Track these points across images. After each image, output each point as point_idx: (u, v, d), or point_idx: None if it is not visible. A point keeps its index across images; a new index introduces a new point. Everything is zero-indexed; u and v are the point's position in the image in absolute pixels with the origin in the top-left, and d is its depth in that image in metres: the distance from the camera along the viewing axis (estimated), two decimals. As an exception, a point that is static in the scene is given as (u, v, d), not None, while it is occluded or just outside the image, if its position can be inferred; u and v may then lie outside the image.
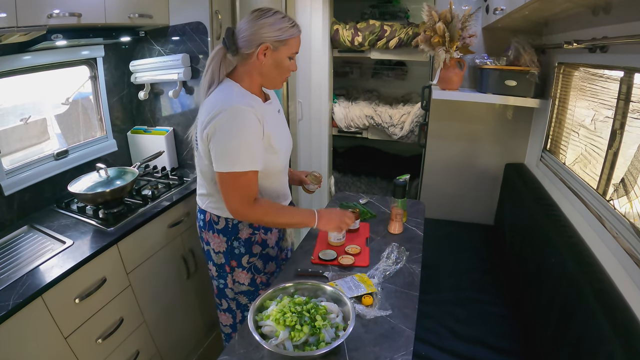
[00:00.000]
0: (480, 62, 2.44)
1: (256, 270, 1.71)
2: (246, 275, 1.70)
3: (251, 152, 1.43)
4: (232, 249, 1.66)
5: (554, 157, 2.17)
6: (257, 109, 1.43)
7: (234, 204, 1.47)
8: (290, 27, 1.43)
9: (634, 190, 1.37)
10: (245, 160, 1.42)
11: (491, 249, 2.51)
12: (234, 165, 1.41)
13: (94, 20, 1.84)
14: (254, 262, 1.69)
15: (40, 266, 1.54)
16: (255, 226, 1.64)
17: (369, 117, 3.59)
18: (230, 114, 1.39)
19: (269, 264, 1.74)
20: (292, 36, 1.44)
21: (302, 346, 1.13)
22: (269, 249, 1.71)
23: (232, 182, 1.44)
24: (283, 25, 1.42)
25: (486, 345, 1.74)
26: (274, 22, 1.41)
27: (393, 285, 1.50)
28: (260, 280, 1.73)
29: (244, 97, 1.46)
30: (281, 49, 1.45)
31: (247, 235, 1.64)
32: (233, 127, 1.39)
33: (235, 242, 1.65)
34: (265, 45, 1.42)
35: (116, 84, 2.45)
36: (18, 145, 2.02)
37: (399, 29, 3.14)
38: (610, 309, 1.23)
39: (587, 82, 1.88)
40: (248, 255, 1.67)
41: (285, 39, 1.43)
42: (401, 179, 1.88)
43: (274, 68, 1.48)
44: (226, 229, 1.64)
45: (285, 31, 1.42)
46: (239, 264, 1.68)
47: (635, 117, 1.44)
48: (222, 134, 1.40)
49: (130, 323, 1.89)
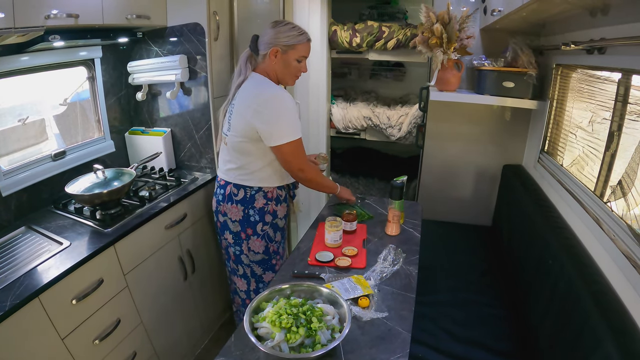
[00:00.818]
0: (478, 63, 2.44)
1: (269, 239, 1.97)
2: (260, 242, 1.96)
3: (297, 124, 1.80)
4: (247, 217, 1.92)
5: (552, 159, 2.17)
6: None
7: (300, 165, 1.84)
8: (297, 35, 1.79)
9: (631, 192, 1.37)
10: (298, 130, 1.79)
11: (489, 251, 2.51)
12: (295, 134, 1.78)
13: (92, 21, 1.84)
14: (267, 230, 1.96)
15: (38, 267, 1.54)
16: (268, 197, 1.93)
17: (367, 118, 3.58)
18: (274, 97, 1.75)
19: (277, 234, 2.01)
20: (299, 42, 1.80)
21: (298, 348, 1.13)
22: (278, 219, 1.99)
23: (296, 149, 1.80)
24: (291, 33, 1.78)
25: (483, 347, 1.74)
26: (285, 30, 1.78)
27: (390, 287, 1.50)
28: (273, 249, 2.01)
29: (278, 86, 1.85)
30: (289, 52, 1.80)
31: (261, 205, 1.92)
32: (283, 107, 1.76)
33: (251, 210, 1.91)
34: (276, 49, 1.79)
35: (114, 84, 2.44)
36: (16, 146, 2.02)
37: (397, 30, 3.14)
38: (607, 310, 1.23)
39: (585, 84, 1.88)
40: (262, 223, 1.93)
41: (293, 44, 1.79)
42: (398, 180, 1.88)
43: (283, 67, 1.84)
44: (244, 199, 1.91)
45: (293, 38, 1.78)
46: (254, 231, 1.94)
47: (633, 118, 1.44)
48: (271, 114, 1.74)
49: (128, 324, 1.88)
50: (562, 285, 1.50)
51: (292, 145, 1.78)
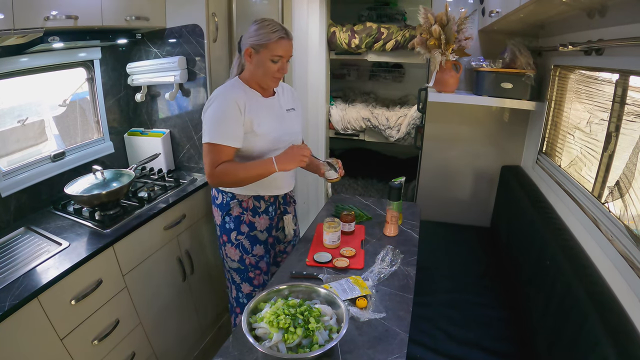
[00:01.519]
0: (476, 64, 2.45)
1: (244, 250, 1.90)
2: (235, 251, 1.90)
3: (226, 130, 1.67)
4: (224, 223, 1.89)
5: (550, 160, 2.18)
6: (242, 98, 1.70)
7: (205, 170, 1.71)
8: (269, 32, 1.64)
9: (628, 193, 1.37)
10: (217, 134, 1.67)
11: (487, 251, 2.51)
12: (212, 137, 1.67)
13: (91, 22, 1.85)
14: (242, 240, 1.88)
15: (37, 268, 1.54)
16: (244, 207, 1.86)
17: (365, 119, 3.59)
18: (214, 99, 1.71)
19: (257, 247, 1.91)
20: (269, 40, 1.64)
21: (295, 348, 1.13)
22: (257, 232, 1.90)
23: (206, 151, 1.69)
24: (263, 31, 1.65)
25: (481, 348, 1.74)
26: (257, 29, 1.66)
27: (387, 287, 1.51)
28: (250, 262, 1.92)
29: (234, 88, 1.75)
30: (262, 52, 1.67)
31: (237, 213, 1.87)
32: (215, 109, 1.69)
33: (227, 217, 1.88)
34: (249, 49, 1.69)
35: (113, 86, 2.45)
36: (15, 147, 2.02)
37: (396, 31, 3.15)
38: (604, 311, 1.23)
39: (583, 85, 1.88)
40: (236, 232, 1.88)
41: (264, 43, 1.65)
42: (396, 181, 1.88)
43: (258, 68, 1.71)
44: (222, 204, 1.89)
45: (264, 36, 1.64)
46: (229, 239, 1.89)
47: (631, 119, 1.44)
48: (207, 114, 1.70)
49: (126, 325, 1.88)
50: (560, 286, 1.50)
51: (206, 147, 1.70)
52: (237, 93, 1.71)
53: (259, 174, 1.71)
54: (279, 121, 1.84)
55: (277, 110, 1.86)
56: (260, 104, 1.78)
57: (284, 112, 1.88)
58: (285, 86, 1.99)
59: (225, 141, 1.67)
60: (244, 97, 1.71)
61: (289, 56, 1.73)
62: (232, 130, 1.69)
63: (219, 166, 1.67)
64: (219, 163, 1.68)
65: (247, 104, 1.71)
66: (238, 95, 1.70)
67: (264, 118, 1.76)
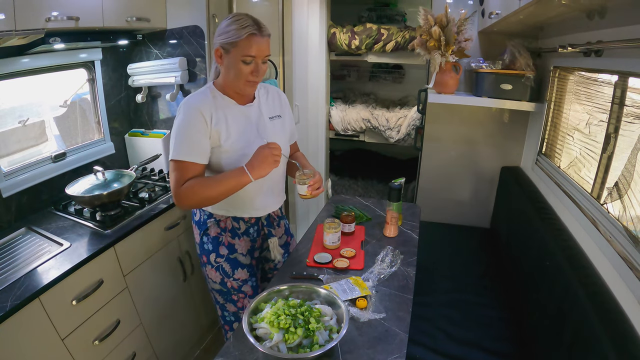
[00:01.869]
0: (476, 65, 2.45)
1: (224, 273, 1.72)
2: (215, 273, 1.72)
3: (190, 145, 1.49)
4: (202, 243, 1.72)
5: (549, 161, 2.18)
6: (207, 107, 1.51)
7: (171, 189, 1.52)
8: (239, 29, 1.43)
9: (627, 194, 1.37)
10: (181, 150, 1.48)
11: (487, 252, 2.52)
12: (174, 153, 1.49)
13: (92, 23, 1.85)
14: (221, 263, 1.70)
15: (38, 268, 1.55)
16: (222, 227, 1.68)
17: (365, 120, 3.60)
18: (179, 109, 1.52)
19: (239, 271, 1.72)
20: (239, 38, 1.43)
21: (296, 348, 1.14)
22: (238, 254, 1.71)
23: (171, 169, 1.51)
24: (232, 27, 1.44)
25: (481, 348, 1.74)
26: (225, 25, 1.46)
27: (387, 288, 1.51)
28: (231, 285, 1.73)
29: (201, 95, 1.55)
30: (232, 52, 1.46)
31: (215, 233, 1.69)
32: (179, 122, 1.50)
33: (205, 237, 1.71)
34: (217, 49, 1.49)
35: (114, 86, 2.46)
36: (16, 147, 2.03)
37: (396, 32, 3.16)
38: (604, 311, 1.24)
39: (582, 86, 1.89)
40: (215, 254, 1.70)
41: (233, 41, 1.44)
42: (396, 182, 1.89)
43: (229, 71, 1.50)
44: (199, 222, 1.72)
45: (233, 33, 1.43)
46: (208, 260, 1.71)
47: (630, 121, 1.45)
48: (173, 128, 1.52)
49: (127, 325, 1.89)
50: (559, 287, 1.50)
51: (171, 165, 1.52)
52: (203, 102, 1.52)
53: (231, 187, 1.50)
54: (256, 133, 1.61)
55: (256, 119, 1.63)
56: (234, 113, 1.57)
57: (265, 121, 1.66)
58: (272, 89, 1.76)
59: (190, 157, 1.49)
60: (211, 106, 1.52)
61: (264, 56, 1.50)
62: (197, 144, 1.50)
63: (184, 184, 1.48)
64: (184, 181, 1.49)
65: (215, 114, 1.52)
66: (203, 104, 1.51)
67: (234, 130, 1.56)
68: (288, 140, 1.78)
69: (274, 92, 1.76)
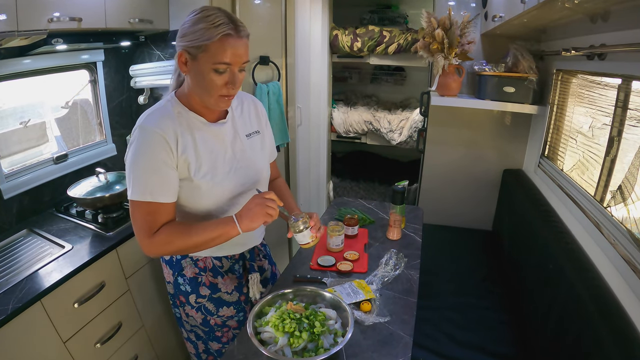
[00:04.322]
0: (478, 68, 2.45)
1: (207, 312, 1.46)
2: (197, 314, 1.46)
3: (152, 181, 1.18)
4: (177, 285, 1.44)
5: (552, 164, 2.18)
6: (172, 132, 1.19)
7: (137, 238, 1.22)
8: (210, 28, 1.11)
9: (631, 197, 1.37)
10: (139, 188, 1.17)
11: (489, 255, 2.52)
12: (133, 191, 1.18)
13: (94, 25, 1.85)
14: (203, 303, 1.44)
15: (40, 270, 1.55)
16: (200, 266, 1.41)
17: (367, 122, 3.60)
18: (135, 135, 1.18)
19: (224, 309, 1.47)
20: (210, 40, 1.11)
21: (301, 352, 1.13)
22: (223, 293, 1.46)
23: (133, 211, 1.21)
24: (200, 25, 1.12)
25: (484, 351, 1.74)
26: (191, 23, 1.14)
27: (391, 291, 1.51)
28: (215, 322, 1.49)
29: (162, 116, 1.21)
30: (200, 57, 1.13)
31: (192, 274, 1.42)
32: (135, 150, 1.17)
33: (180, 278, 1.43)
34: (182, 54, 1.16)
35: (116, 88, 2.45)
36: (17, 148, 2.02)
37: (398, 34, 3.16)
38: (607, 314, 1.24)
39: (585, 89, 1.89)
40: (195, 295, 1.43)
41: (202, 44, 1.12)
42: (400, 185, 1.88)
43: (197, 83, 1.19)
44: (171, 262, 1.44)
45: (202, 34, 1.11)
46: (187, 301, 1.44)
47: (633, 124, 1.45)
48: (128, 158, 1.19)
49: (129, 328, 1.89)
50: (563, 289, 1.50)
51: (133, 206, 1.20)
52: (165, 124, 1.18)
53: (215, 238, 1.22)
54: (232, 157, 1.33)
55: (231, 140, 1.34)
56: (203, 134, 1.26)
57: (241, 140, 1.37)
58: (246, 99, 1.45)
59: (158, 197, 1.18)
60: (176, 128, 1.20)
61: (241, 62, 1.17)
62: (165, 179, 1.19)
63: (157, 233, 1.20)
64: (156, 228, 1.20)
65: (181, 138, 1.20)
66: (165, 127, 1.18)
67: (206, 157, 1.26)
68: (268, 160, 1.51)
69: (249, 102, 1.46)
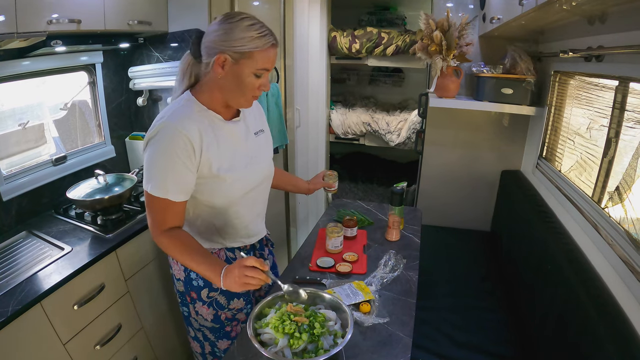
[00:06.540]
0: (476, 70, 2.46)
1: (219, 306, 1.50)
2: (207, 310, 1.49)
3: (168, 180, 1.23)
4: (189, 280, 1.46)
5: (550, 165, 2.19)
6: (196, 131, 1.24)
7: (148, 223, 1.31)
8: (257, 37, 1.20)
9: (628, 198, 1.38)
10: (160, 186, 1.23)
11: (488, 256, 2.52)
12: (150, 185, 1.24)
13: (94, 26, 1.85)
14: (215, 296, 1.48)
15: (39, 272, 1.55)
16: None
17: (366, 123, 3.61)
18: (158, 130, 1.22)
19: (235, 301, 1.51)
20: (257, 48, 1.20)
21: (301, 353, 1.13)
22: None
23: (147, 202, 1.28)
24: (248, 34, 1.20)
25: (483, 351, 1.75)
26: (238, 29, 1.20)
27: (390, 292, 1.51)
28: (225, 317, 1.52)
29: (186, 114, 1.26)
30: (243, 63, 1.22)
31: None
32: (157, 147, 1.23)
33: (193, 273, 1.45)
34: (224, 57, 1.21)
35: (115, 90, 2.45)
36: (16, 149, 2.02)
37: (396, 36, 3.17)
38: (605, 314, 1.24)
39: (583, 91, 1.90)
40: (208, 289, 1.46)
41: (249, 51, 1.20)
42: (398, 186, 1.89)
43: (234, 85, 1.26)
44: None
45: (249, 41, 1.20)
46: (199, 296, 1.47)
47: (630, 125, 1.46)
48: (148, 151, 1.25)
49: (129, 329, 1.88)
50: (561, 290, 1.51)
51: (149, 198, 1.26)
52: (190, 124, 1.24)
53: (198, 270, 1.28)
54: (247, 153, 1.41)
55: (244, 137, 1.41)
56: (222, 132, 1.33)
57: (251, 138, 1.45)
58: None
59: (174, 195, 1.25)
60: (200, 128, 1.26)
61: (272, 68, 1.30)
62: (182, 180, 1.26)
63: (164, 235, 1.28)
64: (166, 226, 1.28)
65: (205, 136, 1.27)
66: (191, 127, 1.23)
67: (227, 153, 1.33)
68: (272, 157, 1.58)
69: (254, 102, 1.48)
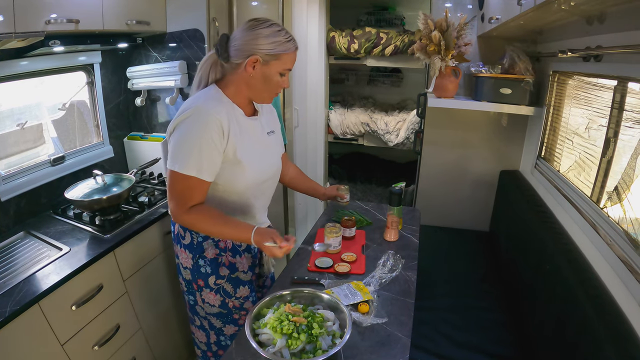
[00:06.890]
0: (475, 70, 2.46)
1: (226, 294, 1.58)
2: (215, 297, 1.57)
3: (200, 159, 1.35)
4: (197, 267, 1.55)
5: (549, 165, 2.19)
6: (225, 117, 1.38)
7: (170, 204, 1.40)
8: (285, 42, 1.37)
9: (627, 198, 1.38)
10: (190, 164, 1.35)
11: (486, 256, 2.52)
12: (179, 164, 1.35)
13: (92, 26, 1.85)
14: (222, 284, 1.56)
15: (37, 273, 1.54)
16: (221, 247, 1.54)
17: (364, 124, 3.60)
18: (191, 113, 1.35)
19: (241, 289, 1.60)
20: (285, 51, 1.38)
21: (299, 354, 1.13)
22: (240, 272, 1.59)
23: (173, 182, 1.38)
24: (277, 39, 1.36)
25: (482, 352, 1.75)
26: (268, 35, 1.36)
27: (389, 292, 1.51)
28: (233, 305, 1.60)
29: (217, 102, 1.40)
30: (272, 64, 1.38)
31: (213, 255, 1.54)
32: (189, 127, 1.35)
33: (201, 260, 1.54)
34: (255, 58, 1.36)
35: (113, 90, 2.45)
36: (14, 149, 2.02)
37: (395, 36, 3.17)
38: (604, 314, 1.24)
39: (582, 91, 1.90)
40: (215, 276, 1.55)
41: (278, 54, 1.37)
42: (397, 186, 1.89)
43: (262, 82, 1.42)
44: (191, 246, 1.54)
45: (278, 45, 1.36)
46: (206, 284, 1.56)
47: (629, 125, 1.46)
48: (178, 132, 1.37)
49: (127, 330, 1.88)
50: (560, 290, 1.51)
51: (173, 176, 1.37)
52: (221, 111, 1.37)
53: (232, 236, 1.46)
54: (262, 147, 1.55)
55: (260, 133, 1.55)
56: (243, 125, 1.47)
57: (265, 136, 1.59)
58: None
59: (201, 174, 1.36)
60: (228, 116, 1.39)
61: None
62: (211, 160, 1.37)
63: (190, 211, 1.38)
64: (190, 204, 1.38)
65: (231, 125, 1.40)
66: (221, 113, 1.37)
67: (247, 142, 1.46)
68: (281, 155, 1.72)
69: (267, 105, 1.65)
